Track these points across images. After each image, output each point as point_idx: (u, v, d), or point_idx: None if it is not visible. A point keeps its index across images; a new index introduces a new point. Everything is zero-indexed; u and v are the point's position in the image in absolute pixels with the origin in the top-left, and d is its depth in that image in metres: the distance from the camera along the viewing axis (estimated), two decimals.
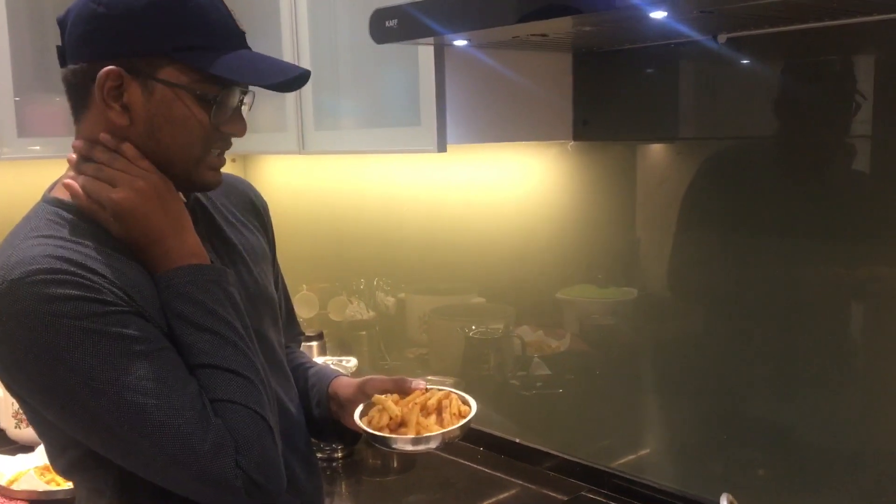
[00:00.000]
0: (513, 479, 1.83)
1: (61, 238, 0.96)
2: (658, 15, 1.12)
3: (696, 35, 1.45)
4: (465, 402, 1.17)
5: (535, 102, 1.66)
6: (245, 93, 1.04)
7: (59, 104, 1.98)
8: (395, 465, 1.96)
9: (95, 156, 1.00)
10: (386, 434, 1.10)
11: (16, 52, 1.93)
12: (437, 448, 1.12)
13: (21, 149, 1.95)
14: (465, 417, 1.13)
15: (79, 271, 0.92)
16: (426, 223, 2.12)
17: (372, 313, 2.31)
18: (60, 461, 1.04)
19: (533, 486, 1.79)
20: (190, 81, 0.97)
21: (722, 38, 1.42)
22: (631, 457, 1.77)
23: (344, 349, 2.30)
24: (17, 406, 2.01)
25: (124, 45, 0.96)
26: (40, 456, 1.85)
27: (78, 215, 0.99)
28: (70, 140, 1.04)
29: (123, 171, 0.99)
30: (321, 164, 2.39)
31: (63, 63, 1.01)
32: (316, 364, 1.31)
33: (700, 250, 1.61)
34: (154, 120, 0.98)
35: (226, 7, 1.01)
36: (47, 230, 0.97)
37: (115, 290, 0.93)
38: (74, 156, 1.03)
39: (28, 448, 1.95)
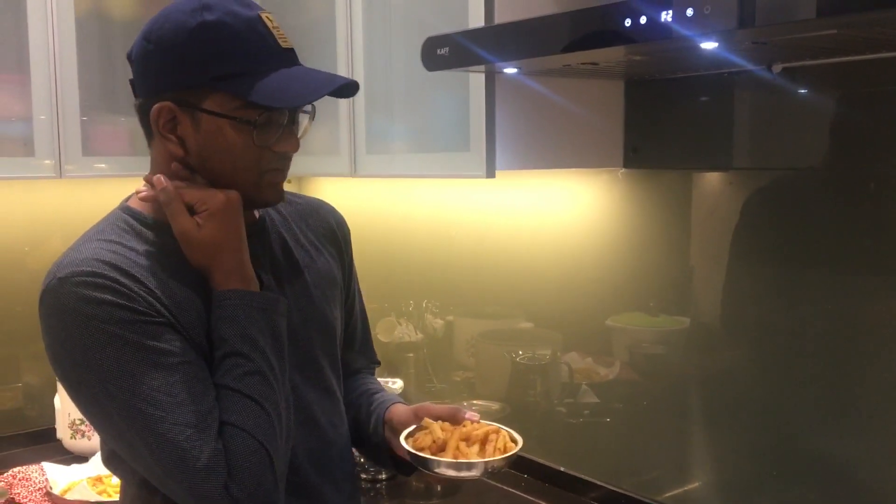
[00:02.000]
0: None
1: (119, 243, 1.02)
2: (709, 46, 1.12)
3: (750, 65, 1.44)
4: (514, 440, 1.16)
5: (585, 129, 1.66)
6: (295, 112, 1.06)
7: (124, 124, 2.07)
8: (439, 489, 1.95)
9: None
10: (427, 455, 1.10)
11: (83, 73, 1.99)
12: (478, 476, 1.11)
13: (86, 167, 2.01)
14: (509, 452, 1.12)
15: (119, 277, 0.97)
16: (475, 247, 2.13)
17: (420, 335, 2.32)
18: (104, 452, 1.11)
19: None
20: (231, 109, 1.00)
21: (777, 68, 1.40)
22: (677, 490, 1.74)
23: (391, 370, 2.31)
24: (72, 417, 2.07)
25: (171, 80, 1.01)
26: (94, 466, 1.90)
27: (146, 225, 1.06)
28: (133, 159, 1.08)
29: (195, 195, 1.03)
30: (373, 187, 2.42)
31: (135, 95, 1.07)
32: (383, 391, 1.31)
33: (753, 281, 1.58)
34: (205, 149, 1.03)
35: (266, 26, 1.02)
36: (111, 234, 1.04)
37: (151, 299, 0.98)
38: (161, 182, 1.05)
39: (82, 458, 2.00)
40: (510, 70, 1.47)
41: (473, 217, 2.13)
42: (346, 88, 1.06)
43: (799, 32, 1.06)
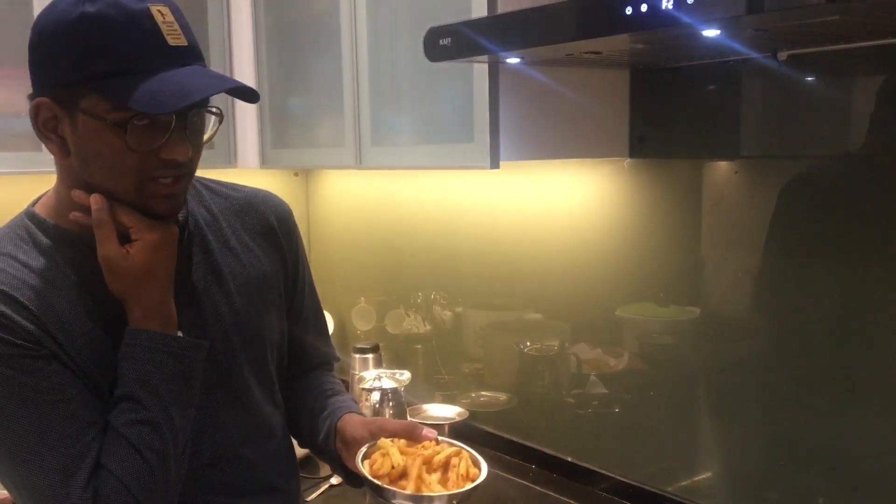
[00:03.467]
0: (565, 499, 1.81)
1: (13, 257, 0.98)
2: (711, 33, 1.11)
3: (754, 53, 1.43)
4: (476, 464, 1.09)
5: (590, 119, 1.65)
6: (185, 115, 0.97)
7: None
8: None
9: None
10: (385, 484, 1.03)
11: None
12: None
13: None
14: (472, 480, 1.05)
15: (2, 308, 0.93)
16: (483, 238, 2.12)
17: (428, 327, 2.32)
18: None
19: None
20: (105, 110, 0.93)
21: (782, 55, 1.39)
22: (686, 481, 1.74)
23: (400, 362, 2.32)
24: None
25: (50, 75, 0.95)
26: None
27: (46, 232, 1.01)
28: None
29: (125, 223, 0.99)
30: (379, 178, 2.42)
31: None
32: (340, 393, 1.26)
33: (763, 271, 1.57)
34: (84, 151, 0.96)
35: (153, 20, 0.93)
36: (7, 245, 1.00)
37: (33, 328, 0.94)
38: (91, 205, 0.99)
39: None
40: (513, 60, 1.47)
41: (480, 208, 2.13)
42: (241, 93, 0.99)
43: (801, 19, 1.05)
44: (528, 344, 2.03)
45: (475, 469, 1.08)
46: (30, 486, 0.94)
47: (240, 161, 2.22)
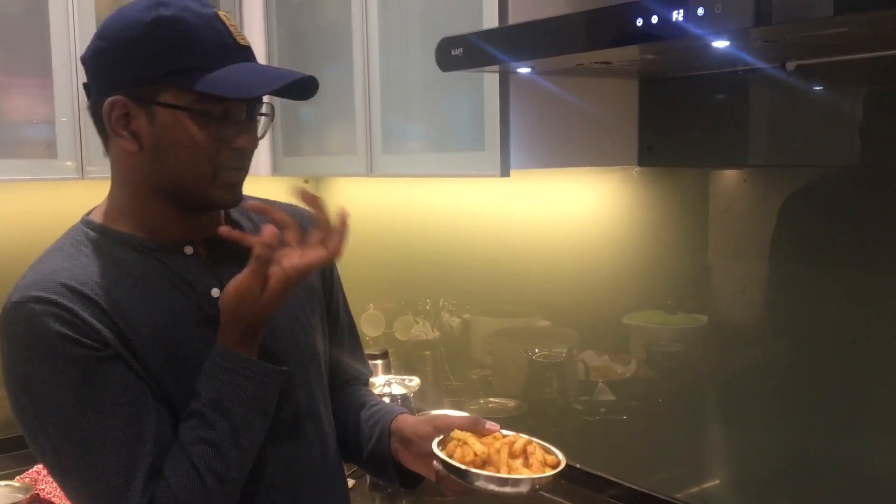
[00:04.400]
0: (568, 503, 1.82)
1: (76, 259, 1.01)
2: (721, 44, 1.12)
3: (763, 63, 1.44)
4: (550, 452, 1.10)
5: (599, 128, 1.67)
6: (253, 107, 1.04)
7: None
8: None
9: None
10: (472, 469, 1.03)
11: None
12: (524, 493, 1.04)
13: (108, 168, 2.02)
14: (552, 467, 1.07)
15: (67, 303, 0.95)
16: (491, 245, 2.14)
17: (437, 333, 2.34)
18: None
19: None
20: (187, 102, 0.99)
21: (791, 65, 1.41)
22: (694, 488, 1.75)
23: (408, 368, 2.33)
24: None
25: (125, 75, 0.99)
26: None
27: (105, 236, 1.04)
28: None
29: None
30: (390, 186, 2.44)
31: (88, 98, 1.05)
32: (380, 402, 1.27)
33: (771, 279, 1.59)
34: (160, 143, 1.00)
35: (223, 23, 1.01)
36: (70, 247, 1.03)
37: (100, 326, 0.96)
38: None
39: None
40: (524, 70, 1.48)
41: (489, 216, 2.15)
42: (305, 88, 1.04)
43: (810, 31, 1.06)
44: (537, 351, 2.05)
45: (551, 457, 1.10)
46: (91, 487, 0.95)
47: (251, 169, 2.24)
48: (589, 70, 1.49)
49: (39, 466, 1.91)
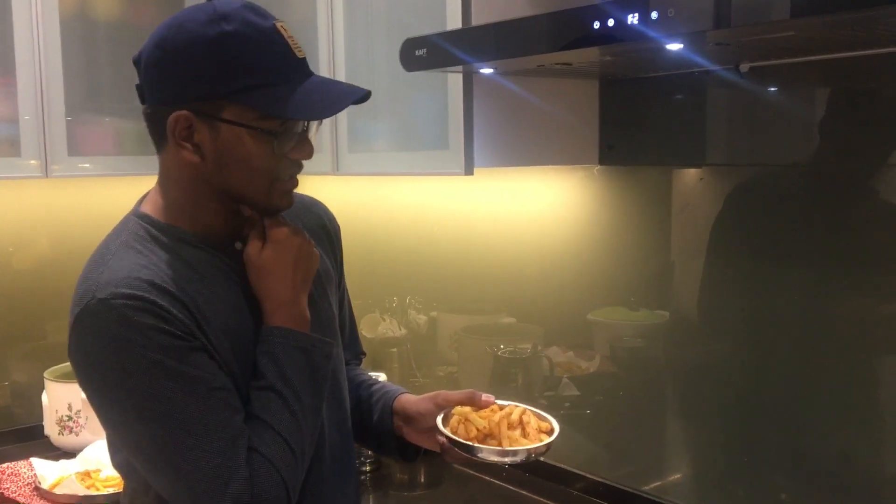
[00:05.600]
0: (538, 498, 1.85)
1: (148, 256, 1.04)
2: (675, 47, 1.16)
3: (717, 65, 1.48)
4: (543, 419, 1.18)
5: (561, 127, 1.70)
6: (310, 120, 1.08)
7: (109, 124, 2.09)
8: (423, 479, 1.99)
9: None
10: (474, 444, 1.11)
11: (68, 74, 2.01)
12: (521, 462, 1.14)
13: (72, 167, 2.03)
14: (546, 433, 1.15)
15: (157, 299, 0.99)
16: (457, 243, 2.16)
17: (403, 331, 2.36)
18: (116, 457, 1.13)
19: (553, 503, 1.81)
20: (251, 119, 1.01)
21: (744, 67, 1.45)
22: (656, 479, 1.78)
23: (375, 366, 2.34)
24: (60, 413, 2.10)
25: (188, 90, 1.01)
26: (81, 462, 1.93)
27: (166, 233, 1.07)
28: (118, 159, 1.08)
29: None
30: (356, 185, 2.45)
31: (142, 100, 1.07)
32: (379, 382, 1.34)
33: (731, 276, 1.62)
34: (223, 157, 1.03)
35: (283, 37, 1.03)
36: (137, 244, 1.05)
37: (187, 321, 1.00)
38: None
39: (70, 454, 2.03)
40: (486, 70, 1.51)
41: (455, 214, 2.17)
42: (361, 98, 1.09)
43: (763, 34, 1.10)
44: (502, 347, 2.07)
45: (545, 423, 1.18)
46: (192, 471, 0.98)
47: None
48: (550, 71, 1.52)
49: (4, 466, 1.90)
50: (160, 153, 1.08)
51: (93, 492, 1.81)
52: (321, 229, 1.26)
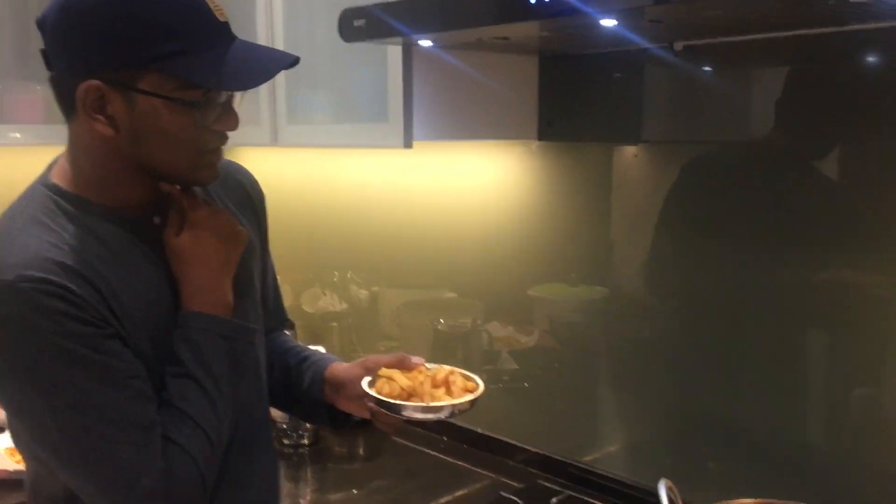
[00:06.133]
0: (477, 469, 1.87)
1: (57, 232, 0.97)
2: (608, 23, 1.17)
3: (650, 43, 1.50)
4: (470, 379, 1.20)
5: (500, 102, 1.70)
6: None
7: (39, 93, 2.03)
8: (362, 452, 2.00)
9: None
10: (398, 401, 1.12)
11: None
12: (445, 418, 1.15)
13: (0, 135, 1.98)
14: (470, 391, 1.17)
15: (68, 284, 0.92)
16: (399, 218, 2.16)
17: (344, 305, 2.35)
18: (19, 439, 1.07)
19: (493, 475, 1.83)
20: (171, 90, 0.94)
21: (678, 45, 1.47)
22: (593, 451, 1.82)
23: (315, 340, 2.34)
24: None
25: (98, 58, 0.93)
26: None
27: (77, 206, 1.00)
28: (49, 128, 1.04)
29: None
30: (296, 157, 2.43)
31: (48, 66, 0.98)
32: (309, 349, 1.32)
33: (668, 252, 1.65)
34: (139, 130, 0.96)
35: (205, 1, 0.96)
36: (45, 218, 0.98)
37: (99, 307, 0.94)
38: None
39: None
40: (425, 43, 1.51)
41: (396, 189, 2.17)
42: (290, 64, 1.03)
43: (701, 11, 1.12)
44: (442, 321, 2.09)
45: (471, 383, 1.19)
46: (105, 463, 0.95)
47: None
48: (489, 45, 1.52)
49: None
50: (69, 123, 1.00)
51: (22, 467, 1.77)
52: (244, 197, 1.21)
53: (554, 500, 1.53)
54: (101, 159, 1.00)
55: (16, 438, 1.08)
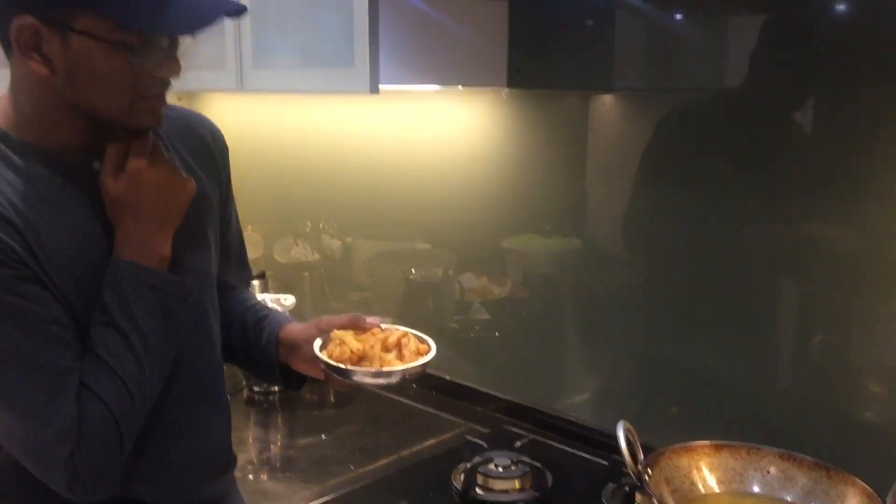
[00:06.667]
0: (447, 416, 1.89)
1: None
2: None
3: None
4: (423, 342, 1.18)
5: (468, 48, 1.68)
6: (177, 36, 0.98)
7: None
8: (332, 399, 2.02)
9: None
10: (347, 366, 1.10)
11: None
12: (396, 383, 1.14)
13: None
14: (423, 356, 1.15)
15: None
16: (370, 168, 2.15)
17: (317, 255, 2.35)
18: None
19: (461, 422, 1.86)
20: (106, 30, 0.91)
21: None
22: (558, 396, 1.84)
23: (287, 289, 2.33)
24: None
25: None
26: None
27: (13, 148, 0.98)
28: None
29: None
30: (265, 103, 2.40)
31: None
32: (268, 308, 1.30)
33: (641, 203, 1.66)
34: (75, 71, 0.94)
35: None
36: None
37: (17, 248, 0.93)
38: None
39: None
40: None
41: (366, 138, 2.15)
42: (235, 12, 1.00)
43: None
44: (413, 271, 2.09)
45: (424, 346, 1.17)
46: (13, 407, 0.94)
47: None
48: None
49: None
50: (11, 65, 0.98)
51: None
52: (203, 149, 1.18)
53: (518, 443, 1.55)
54: (39, 100, 0.98)
55: None
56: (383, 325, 1.19)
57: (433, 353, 1.16)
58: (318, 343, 1.15)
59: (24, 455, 0.98)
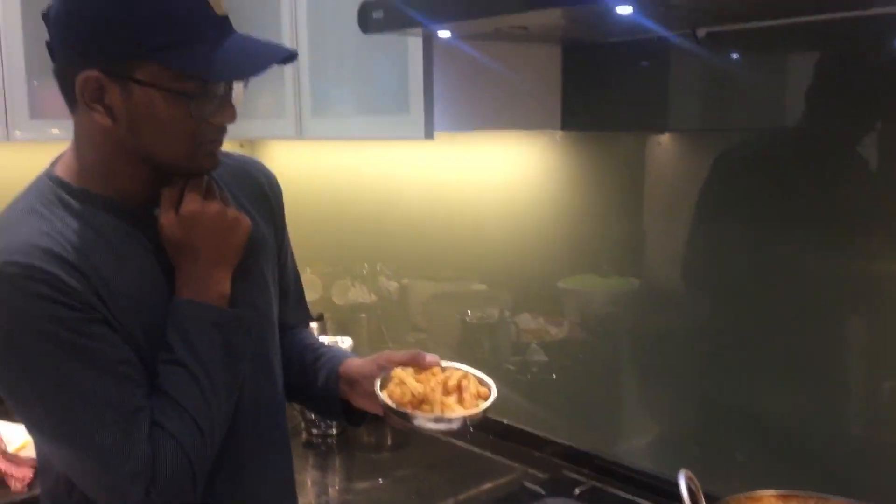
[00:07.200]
0: (504, 460, 1.87)
1: (51, 221, 0.99)
2: (625, 10, 1.16)
3: (672, 30, 1.48)
4: (483, 384, 1.16)
5: (521, 92, 1.70)
6: (231, 83, 1.02)
7: None
8: (389, 441, 2.01)
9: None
10: (408, 410, 1.09)
11: (28, 35, 1.97)
12: (457, 429, 1.11)
13: (34, 130, 2.01)
14: (484, 399, 1.12)
15: (51, 269, 0.94)
16: (426, 210, 2.17)
17: (374, 297, 2.37)
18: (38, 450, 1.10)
19: (518, 466, 1.83)
20: (166, 80, 0.96)
21: (701, 32, 1.45)
22: (617, 440, 1.81)
23: (344, 331, 2.36)
24: None
25: (97, 49, 0.95)
26: None
27: (73, 195, 1.02)
28: None
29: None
30: (322, 150, 2.44)
31: (52, 58, 1.01)
32: (325, 345, 1.31)
33: (700, 242, 1.63)
34: (136, 120, 0.98)
35: None
36: (42, 208, 1.00)
37: (87, 293, 0.96)
38: None
39: None
40: (444, 34, 1.51)
41: (421, 181, 2.17)
42: (287, 58, 1.04)
43: None
44: (469, 313, 2.09)
45: (484, 388, 1.14)
46: (90, 446, 0.96)
47: None
48: (508, 35, 1.51)
49: None
50: (73, 114, 1.03)
51: None
52: (259, 194, 1.21)
53: (577, 490, 1.52)
54: (102, 150, 1.02)
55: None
56: (444, 363, 1.17)
57: (494, 396, 1.14)
58: (378, 382, 1.14)
59: (98, 492, 1.00)
